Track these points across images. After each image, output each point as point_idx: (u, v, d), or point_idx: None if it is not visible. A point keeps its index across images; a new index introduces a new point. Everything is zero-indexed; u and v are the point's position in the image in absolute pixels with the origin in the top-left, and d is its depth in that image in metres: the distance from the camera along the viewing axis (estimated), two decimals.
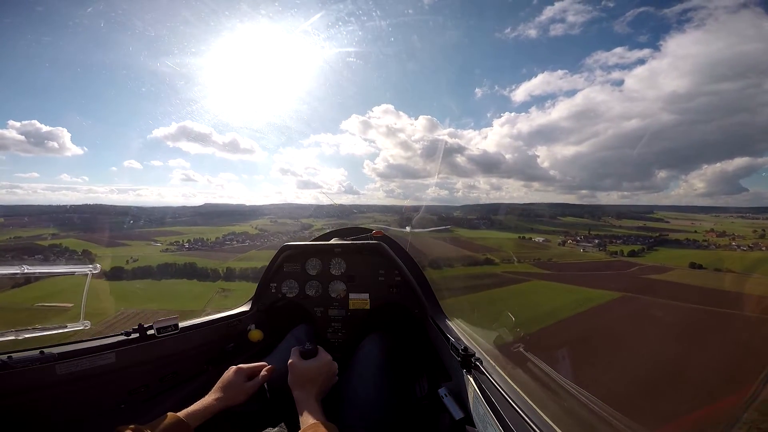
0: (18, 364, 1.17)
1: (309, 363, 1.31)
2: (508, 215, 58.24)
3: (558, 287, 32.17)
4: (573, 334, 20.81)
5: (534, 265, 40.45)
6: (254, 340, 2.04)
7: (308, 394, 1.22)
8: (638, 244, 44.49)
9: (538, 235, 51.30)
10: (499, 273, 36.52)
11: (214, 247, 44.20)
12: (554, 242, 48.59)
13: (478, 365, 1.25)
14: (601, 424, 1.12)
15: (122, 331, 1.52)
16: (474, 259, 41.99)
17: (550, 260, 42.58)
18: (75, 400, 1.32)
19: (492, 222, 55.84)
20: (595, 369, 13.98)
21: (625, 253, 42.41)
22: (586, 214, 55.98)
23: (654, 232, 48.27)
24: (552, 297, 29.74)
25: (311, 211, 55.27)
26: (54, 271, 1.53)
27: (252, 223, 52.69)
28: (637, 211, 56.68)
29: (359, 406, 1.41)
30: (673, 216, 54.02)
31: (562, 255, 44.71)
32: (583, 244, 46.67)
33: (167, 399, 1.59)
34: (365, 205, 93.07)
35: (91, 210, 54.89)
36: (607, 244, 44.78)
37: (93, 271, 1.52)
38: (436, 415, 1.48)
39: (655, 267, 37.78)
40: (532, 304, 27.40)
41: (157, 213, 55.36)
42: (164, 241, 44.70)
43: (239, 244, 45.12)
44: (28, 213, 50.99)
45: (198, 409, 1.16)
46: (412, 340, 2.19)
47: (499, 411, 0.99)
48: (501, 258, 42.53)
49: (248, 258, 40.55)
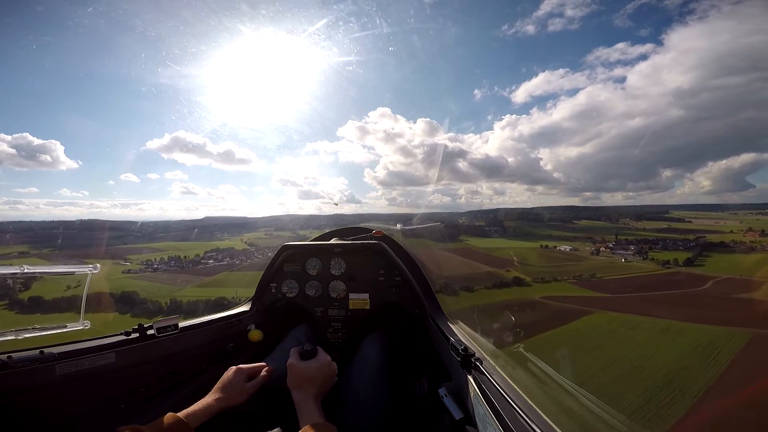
0: (18, 364, 1.17)
1: (308, 364, 1.31)
2: (519, 221, 54.23)
3: (635, 322, 22.10)
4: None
5: (576, 284, 32.10)
6: (254, 340, 2.04)
7: (307, 395, 1.22)
8: (680, 249, 38.46)
9: (561, 242, 44.88)
10: (538, 299, 27.92)
11: (186, 267, 39.94)
12: (583, 251, 41.83)
13: (478, 365, 1.25)
14: (601, 424, 1.12)
15: (122, 331, 1.53)
16: (498, 278, 34.63)
17: (594, 276, 34.21)
18: (75, 400, 1.32)
19: (504, 229, 51.04)
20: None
21: (680, 262, 35.42)
22: (602, 217, 51.80)
23: (684, 234, 42.91)
24: (642, 341, 19.39)
25: (302, 221, 53.49)
26: (54, 271, 1.53)
27: (243, 237, 49.67)
28: (651, 212, 52.59)
29: (359, 407, 1.41)
30: (692, 215, 49.57)
31: (602, 268, 36.72)
32: (619, 252, 39.83)
33: (167, 399, 1.59)
34: (368, 214, 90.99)
35: (82, 226, 51.49)
36: (648, 251, 38.64)
37: (93, 271, 1.52)
38: (436, 415, 1.48)
39: (736, 281, 30.33)
40: (623, 358, 17.12)
41: (150, 228, 53.26)
42: (136, 259, 40.43)
43: (216, 263, 40.83)
44: (17, 230, 48.91)
45: (198, 409, 1.16)
46: (412, 340, 2.19)
47: (499, 411, 0.99)
48: (530, 275, 34.62)
49: (213, 283, 35.40)
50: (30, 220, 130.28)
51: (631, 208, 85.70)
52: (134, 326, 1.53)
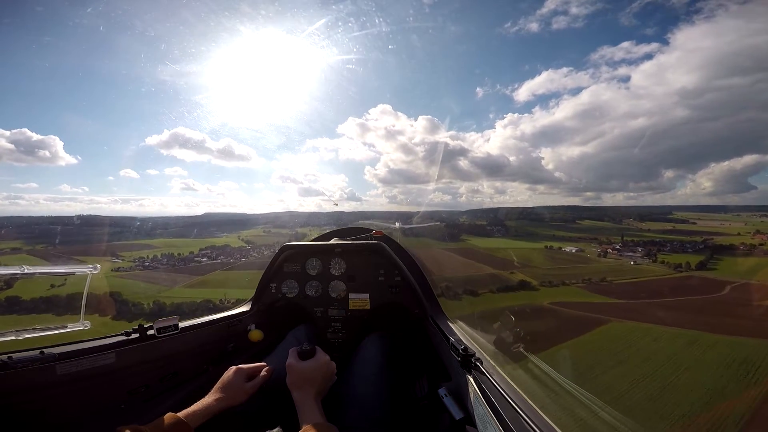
0: (18, 364, 1.18)
1: (307, 363, 1.31)
2: (521, 220, 52.83)
3: (657, 332, 19.76)
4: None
5: (586, 288, 30.16)
6: (254, 340, 2.04)
7: (307, 395, 1.22)
8: (688, 252, 36.60)
9: (566, 243, 42.83)
10: (547, 306, 25.88)
11: (178, 265, 38.01)
12: (589, 252, 40.00)
13: (478, 365, 1.25)
14: (601, 424, 1.12)
15: (122, 331, 1.53)
16: (503, 281, 32.61)
17: (603, 280, 32.19)
18: (75, 400, 1.32)
19: (507, 229, 49.34)
20: None
21: (692, 265, 33.20)
22: (605, 217, 50.35)
23: (690, 236, 41.09)
24: (669, 354, 17.23)
25: (302, 219, 52.46)
26: (54, 271, 1.53)
27: (241, 234, 48.06)
28: (654, 212, 51.13)
29: (359, 407, 1.41)
30: (695, 216, 48.12)
31: (612, 271, 34.87)
32: (627, 254, 37.88)
33: (167, 399, 1.59)
34: (369, 212, 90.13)
35: (80, 221, 49.53)
36: (657, 254, 36.65)
37: (93, 271, 1.53)
38: (436, 415, 1.48)
39: (753, 286, 28.76)
40: (651, 375, 14.78)
41: (149, 224, 51.39)
42: (129, 256, 38.53)
43: (210, 261, 39.04)
44: (12, 225, 47.34)
45: (198, 410, 1.16)
46: (412, 340, 2.19)
47: (499, 411, 0.99)
48: (536, 277, 32.49)
49: (202, 283, 33.50)
50: (29, 216, 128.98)
51: (633, 208, 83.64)
52: (134, 327, 1.53)
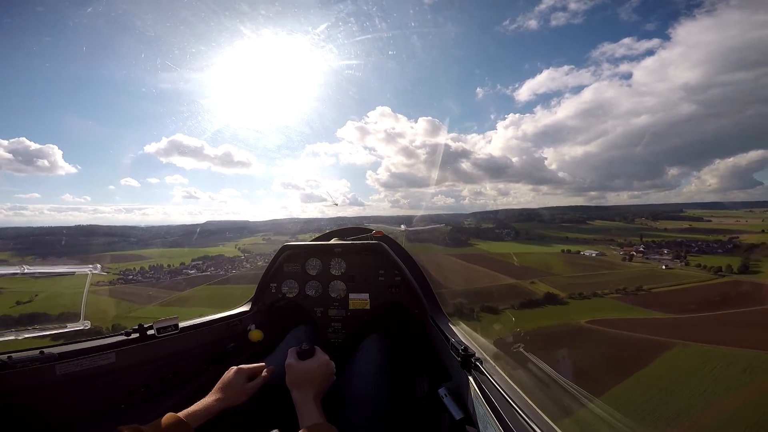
0: (18, 364, 1.17)
1: (306, 363, 1.31)
2: (530, 222, 50.13)
3: (732, 356, 15.62)
4: None
5: (623, 300, 26.32)
6: (254, 340, 2.04)
7: (307, 395, 1.22)
8: (718, 252, 33.59)
9: (583, 246, 39.33)
10: (585, 325, 21.67)
11: (163, 278, 36.06)
12: (611, 255, 36.38)
13: (479, 365, 1.25)
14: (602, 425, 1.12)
15: (122, 330, 1.53)
16: (524, 293, 28.05)
17: (640, 289, 27.97)
18: (75, 400, 1.32)
19: (517, 231, 46.54)
20: None
21: (734, 268, 29.83)
22: (617, 217, 48.24)
23: (713, 235, 38.16)
24: (762, 389, 13.45)
25: (302, 225, 51.69)
26: (54, 271, 1.53)
27: (239, 243, 46.69)
28: (665, 211, 48.90)
29: (359, 407, 1.41)
30: (707, 214, 45.73)
31: (644, 277, 30.76)
32: (654, 257, 34.44)
33: (167, 399, 1.59)
34: (371, 217, 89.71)
35: (77, 231, 49.42)
36: (686, 256, 33.41)
37: (93, 271, 1.53)
38: (436, 415, 1.47)
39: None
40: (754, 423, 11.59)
41: (148, 233, 50.52)
42: (115, 268, 36.43)
43: (199, 273, 37.06)
44: (5, 236, 46.70)
45: (198, 410, 1.16)
46: (412, 340, 2.19)
47: (499, 411, 0.98)
48: (562, 288, 28.07)
49: (179, 301, 30.55)
50: (31, 226, 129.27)
51: (639, 207, 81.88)
52: (134, 326, 1.53)
